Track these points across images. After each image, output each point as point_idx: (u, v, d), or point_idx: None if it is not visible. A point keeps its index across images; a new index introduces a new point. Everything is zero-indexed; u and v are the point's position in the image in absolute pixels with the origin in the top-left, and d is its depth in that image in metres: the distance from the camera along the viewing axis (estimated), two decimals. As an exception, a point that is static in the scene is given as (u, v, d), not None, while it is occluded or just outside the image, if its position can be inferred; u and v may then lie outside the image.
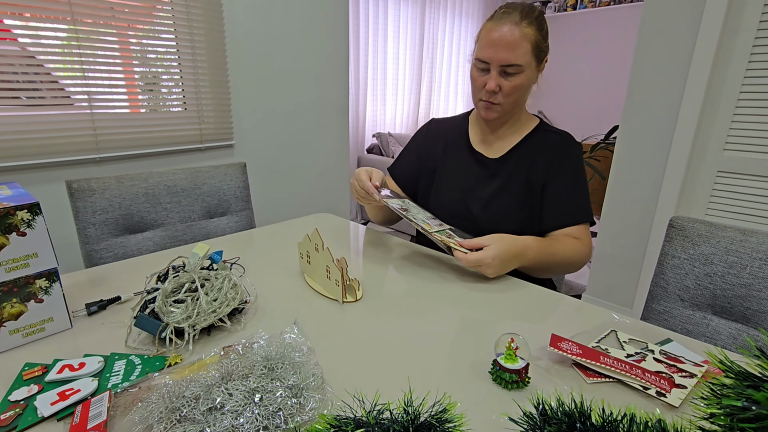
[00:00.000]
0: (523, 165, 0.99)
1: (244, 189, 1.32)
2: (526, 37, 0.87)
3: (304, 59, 2.19)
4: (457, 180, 1.06)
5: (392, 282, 0.84)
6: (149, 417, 0.44)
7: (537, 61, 0.91)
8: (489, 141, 1.05)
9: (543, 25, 0.91)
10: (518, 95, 0.93)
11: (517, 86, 0.91)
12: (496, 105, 0.94)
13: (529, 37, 0.88)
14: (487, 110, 0.96)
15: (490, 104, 0.95)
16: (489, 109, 0.96)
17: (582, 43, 4.54)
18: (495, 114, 0.96)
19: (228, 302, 0.65)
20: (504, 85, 0.91)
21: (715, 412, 0.29)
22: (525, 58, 0.88)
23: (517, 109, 0.99)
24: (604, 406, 0.34)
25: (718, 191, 1.83)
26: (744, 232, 0.81)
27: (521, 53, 0.88)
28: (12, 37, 1.39)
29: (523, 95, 0.95)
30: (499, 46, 0.88)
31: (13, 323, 0.60)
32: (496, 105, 0.94)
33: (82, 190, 1.05)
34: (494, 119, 0.98)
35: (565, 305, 0.77)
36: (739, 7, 1.66)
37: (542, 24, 0.91)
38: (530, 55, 0.89)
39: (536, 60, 0.91)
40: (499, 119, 0.99)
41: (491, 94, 0.93)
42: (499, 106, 0.95)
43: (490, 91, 0.91)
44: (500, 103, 0.94)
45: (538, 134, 1.01)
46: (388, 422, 0.34)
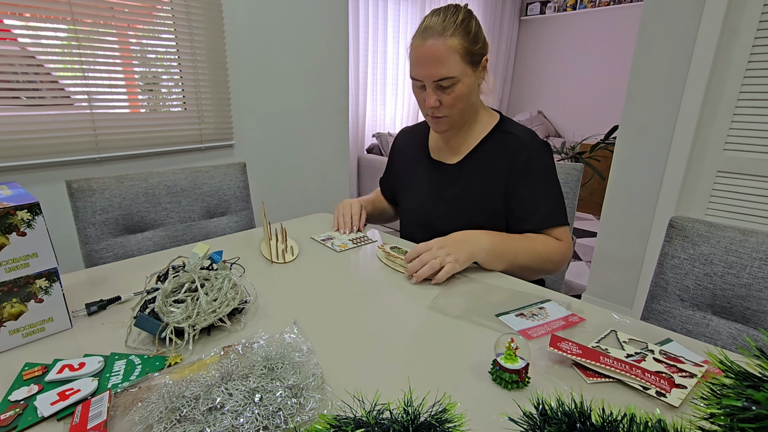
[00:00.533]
0: (479, 170, 0.98)
1: (243, 189, 1.32)
2: (451, 49, 0.85)
3: (304, 59, 2.19)
4: (419, 189, 1.07)
5: (392, 282, 0.84)
6: (149, 417, 0.44)
7: (472, 65, 0.89)
8: (447, 148, 1.04)
9: (470, 29, 0.87)
10: (462, 104, 0.92)
11: (456, 97, 0.89)
12: (443, 118, 0.93)
13: (455, 47, 0.85)
14: (436, 124, 0.96)
15: (436, 118, 0.94)
16: (437, 123, 0.95)
17: (582, 43, 4.55)
18: (445, 126, 0.96)
19: (228, 302, 0.65)
20: (443, 98, 0.90)
21: (715, 412, 0.29)
22: (456, 68, 0.86)
23: (467, 115, 0.97)
24: (604, 406, 0.34)
25: (718, 191, 1.83)
26: (744, 232, 0.81)
27: (451, 65, 0.86)
28: (12, 37, 1.39)
29: (467, 102, 0.93)
30: (427, 63, 0.86)
31: (13, 323, 0.60)
32: (443, 118, 0.93)
33: (82, 190, 1.05)
34: (446, 131, 0.98)
35: (565, 305, 0.77)
36: (739, 7, 1.66)
37: (468, 28, 0.87)
38: (461, 64, 0.86)
39: (470, 65, 0.88)
40: (451, 129, 0.98)
41: (434, 109, 0.92)
42: (446, 119, 0.93)
43: (431, 107, 0.91)
44: (446, 115, 0.92)
45: (495, 136, 0.99)
46: (388, 422, 0.34)
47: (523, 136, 0.97)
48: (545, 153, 0.96)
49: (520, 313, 0.71)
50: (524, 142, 0.96)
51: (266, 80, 2.06)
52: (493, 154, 0.97)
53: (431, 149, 1.08)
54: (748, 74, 1.69)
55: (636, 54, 1.92)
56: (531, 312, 0.72)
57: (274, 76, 2.09)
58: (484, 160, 0.98)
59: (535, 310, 0.72)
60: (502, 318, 0.70)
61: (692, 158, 1.86)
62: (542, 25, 4.83)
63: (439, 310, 0.72)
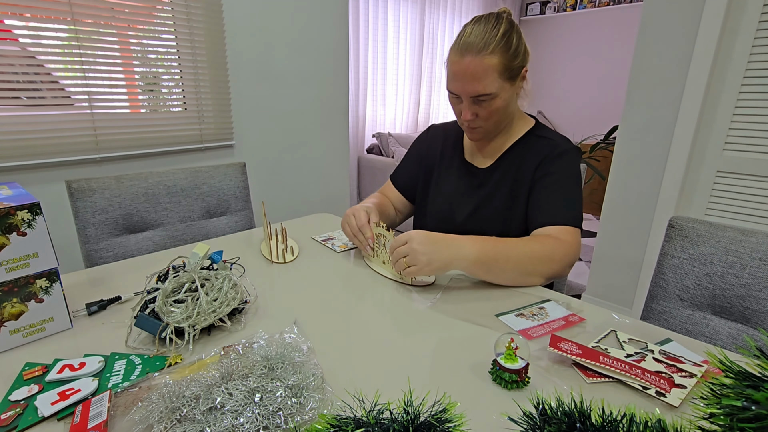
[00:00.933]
0: (509, 173, 0.97)
1: (243, 189, 1.32)
2: (490, 68, 0.83)
3: (304, 59, 2.19)
4: (447, 188, 1.06)
5: (392, 282, 0.84)
6: (149, 417, 0.44)
7: (510, 80, 0.87)
8: (480, 151, 1.03)
9: (510, 44, 0.85)
10: (497, 116, 0.91)
11: (493, 111, 0.89)
12: (478, 128, 0.93)
13: (494, 66, 0.83)
14: (471, 133, 0.96)
15: (472, 128, 0.94)
16: (472, 132, 0.95)
17: (582, 43, 4.55)
18: (479, 135, 0.95)
19: (228, 302, 0.65)
20: (480, 112, 0.89)
21: (715, 412, 0.29)
22: (494, 85, 0.85)
23: (504, 124, 0.97)
24: (604, 406, 0.34)
25: (718, 191, 1.83)
26: (743, 232, 0.81)
27: (489, 83, 0.84)
28: (12, 37, 1.39)
29: (504, 114, 0.92)
30: (464, 79, 0.85)
31: (14, 323, 0.60)
32: (478, 128, 0.93)
33: (82, 189, 1.05)
34: (480, 139, 0.98)
35: (564, 305, 0.77)
36: (738, 7, 1.66)
37: (509, 43, 0.84)
38: (500, 81, 0.85)
39: (509, 81, 0.87)
40: (485, 138, 0.98)
41: (470, 122, 0.91)
42: (481, 129, 0.93)
43: (466, 120, 0.90)
44: (481, 126, 0.92)
45: (528, 139, 0.98)
46: (388, 422, 0.34)
47: (556, 139, 0.96)
48: (574, 157, 0.93)
49: (520, 313, 0.71)
50: (555, 144, 0.94)
51: (266, 80, 2.06)
52: (523, 156, 0.96)
53: (465, 150, 1.06)
54: (747, 74, 1.69)
55: (636, 54, 1.92)
56: (531, 312, 0.72)
57: (275, 76, 2.09)
58: (514, 164, 0.97)
59: (535, 310, 0.72)
60: (502, 318, 0.70)
61: (692, 158, 1.86)
62: (542, 26, 4.83)
63: (440, 311, 0.72)
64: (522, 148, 0.98)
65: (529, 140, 0.98)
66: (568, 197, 0.91)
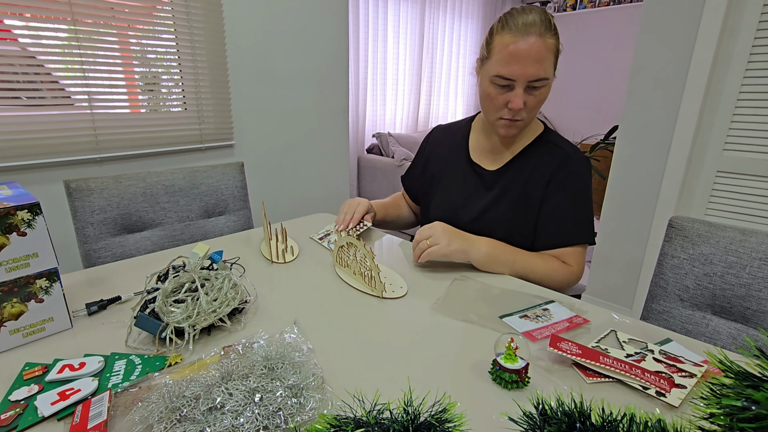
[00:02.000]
0: (520, 178, 0.95)
1: (241, 189, 1.32)
2: (551, 50, 0.82)
3: (304, 59, 2.19)
4: (453, 190, 1.04)
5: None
6: (149, 417, 0.44)
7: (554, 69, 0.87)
8: (489, 152, 1.01)
9: (557, 29, 0.85)
10: (540, 107, 0.88)
11: (541, 100, 0.86)
12: (519, 122, 0.88)
13: (553, 48, 0.82)
14: (508, 128, 0.90)
15: (512, 122, 0.88)
16: (511, 126, 0.90)
17: (582, 43, 4.55)
18: (516, 131, 0.91)
19: (228, 302, 0.65)
20: (529, 100, 0.85)
21: (715, 412, 0.29)
22: (550, 70, 0.84)
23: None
24: (604, 406, 0.34)
25: (718, 191, 1.83)
26: (743, 232, 0.81)
27: (548, 66, 0.82)
28: (12, 37, 1.39)
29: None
30: (526, 61, 0.80)
31: (14, 323, 0.60)
32: (519, 122, 0.88)
33: (80, 189, 1.05)
34: (515, 135, 0.94)
35: (568, 306, 0.77)
36: (738, 7, 1.66)
37: (557, 29, 0.86)
38: (552, 67, 0.85)
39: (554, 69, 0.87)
40: (519, 133, 0.95)
41: (516, 112, 0.86)
42: (521, 122, 0.89)
43: (515, 109, 0.85)
44: (523, 119, 0.88)
45: (539, 145, 0.96)
46: (388, 422, 0.34)
47: (567, 149, 0.94)
48: (585, 170, 0.93)
49: (524, 315, 0.71)
50: (567, 156, 0.93)
51: (266, 80, 2.06)
52: (535, 164, 0.95)
53: (472, 150, 1.04)
54: (747, 74, 1.69)
55: (636, 54, 1.92)
56: (535, 314, 0.72)
57: (275, 76, 2.09)
58: (525, 170, 0.95)
59: (539, 312, 0.72)
60: (505, 319, 0.70)
61: (692, 158, 1.86)
62: (542, 25, 4.83)
63: (443, 312, 0.72)
64: (533, 154, 0.96)
65: (540, 146, 0.96)
66: (578, 214, 0.92)
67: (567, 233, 0.92)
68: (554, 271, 0.90)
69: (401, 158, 3.34)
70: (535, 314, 0.71)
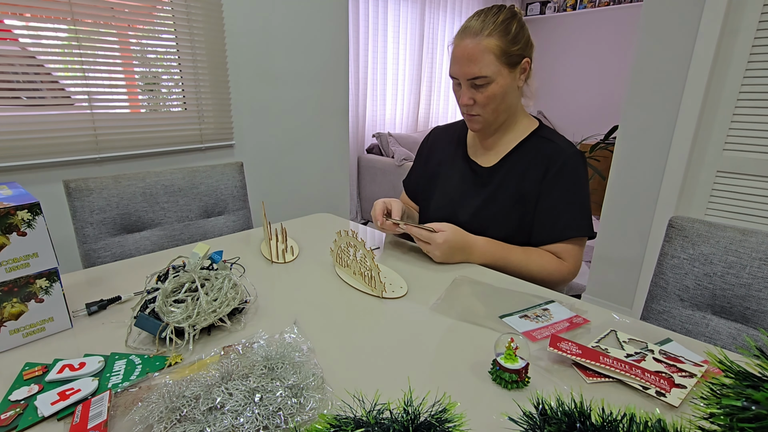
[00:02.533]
0: (513, 174, 0.97)
1: (241, 188, 1.32)
2: (486, 49, 0.87)
3: (304, 59, 2.19)
4: (450, 187, 1.06)
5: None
6: (149, 417, 0.44)
7: (508, 66, 0.89)
8: (483, 149, 1.04)
9: (509, 29, 0.88)
10: (495, 104, 0.92)
11: (490, 96, 0.90)
12: (477, 116, 0.95)
13: (491, 47, 0.86)
14: (470, 122, 0.98)
15: (470, 116, 0.96)
16: (471, 121, 0.97)
17: (582, 43, 4.55)
18: (478, 125, 0.97)
19: (228, 302, 0.65)
20: (477, 97, 0.91)
21: (715, 412, 0.29)
22: (490, 68, 0.88)
23: (503, 116, 0.97)
24: (604, 405, 0.34)
25: (718, 191, 1.83)
26: (743, 232, 0.81)
27: (484, 65, 0.87)
28: (12, 37, 1.39)
29: (502, 103, 0.93)
30: (461, 61, 0.89)
31: (14, 323, 0.60)
32: (477, 116, 0.95)
33: (79, 189, 1.05)
34: (479, 130, 0.99)
35: (568, 305, 0.77)
36: (738, 7, 1.66)
37: (508, 29, 0.88)
38: (496, 64, 0.88)
39: (507, 66, 0.89)
40: (486, 129, 0.99)
41: (468, 108, 0.94)
42: (480, 117, 0.95)
43: (465, 105, 0.93)
44: (479, 114, 0.94)
45: (533, 141, 0.98)
46: (388, 422, 0.34)
47: (561, 144, 0.96)
48: (580, 164, 0.95)
49: (524, 315, 0.71)
50: (561, 149, 0.95)
51: (266, 80, 2.06)
52: (529, 159, 0.97)
53: (469, 148, 1.07)
54: (747, 74, 1.69)
55: (636, 54, 1.92)
56: (535, 314, 0.72)
57: (275, 76, 2.09)
58: (518, 166, 0.97)
59: (539, 312, 0.72)
60: (506, 320, 0.70)
61: (692, 158, 1.86)
62: (542, 25, 4.83)
63: (442, 312, 0.72)
64: (527, 150, 0.98)
65: (534, 142, 0.98)
66: (573, 208, 0.94)
67: (562, 228, 0.94)
68: (552, 272, 0.92)
69: (401, 158, 3.34)
70: (535, 314, 0.71)
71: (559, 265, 0.93)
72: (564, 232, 0.93)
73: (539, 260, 0.93)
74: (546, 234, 0.95)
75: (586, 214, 0.94)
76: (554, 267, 0.92)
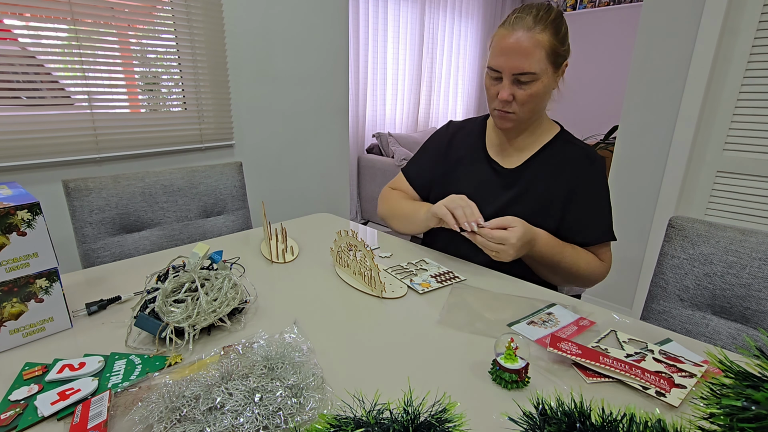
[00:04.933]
0: (541, 177, 0.95)
1: (240, 188, 1.32)
2: (539, 44, 0.83)
3: (304, 59, 2.19)
4: (470, 187, 1.00)
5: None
6: (149, 417, 0.44)
7: (554, 66, 0.87)
8: (506, 149, 1.00)
9: (560, 28, 0.86)
10: (534, 104, 0.89)
11: (532, 95, 0.86)
12: (511, 114, 0.90)
13: (543, 43, 0.83)
14: (501, 120, 0.92)
15: (504, 113, 0.91)
16: (503, 118, 0.92)
17: (582, 43, 4.54)
18: (510, 124, 0.92)
19: (228, 302, 0.65)
20: (518, 94, 0.87)
21: (715, 412, 0.29)
22: (539, 65, 0.84)
23: (535, 117, 0.95)
24: (604, 405, 0.34)
25: (718, 191, 1.83)
26: (743, 232, 0.81)
27: (535, 60, 0.83)
28: (12, 37, 1.39)
29: (539, 103, 0.90)
30: (511, 53, 0.83)
31: (14, 323, 0.60)
32: (511, 114, 0.90)
33: (78, 189, 1.05)
34: (510, 129, 0.95)
35: (570, 307, 0.77)
36: (738, 7, 1.66)
37: (559, 27, 0.86)
38: (545, 62, 0.84)
39: (553, 66, 0.86)
40: (515, 128, 0.96)
41: (505, 104, 0.89)
42: (514, 115, 0.90)
43: (504, 100, 0.87)
44: (515, 112, 0.89)
45: (558, 144, 0.97)
46: (388, 422, 0.34)
47: (587, 148, 0.96)
48: (604, 169, 0.97)
49: (531, 321, 0.70)
50: (588, 155, 0.95)
51: (266, 80, 2.06)
52: (556, 163, 0.95)
53: (490, 148, 1.03)
54: (747, 74, 1.69)
55: (636, 54, 1.92)
56: (541, 319, 0.71)
57: (275, 76, 2.09)
58: (545, 168, 0.95)
59: (544, 317, 0.71)
60: (515, 327, 0.68)
61: (692, 158, 1.86)
62: (542, 25, 4.83)
63: (450, 325, 0.69)
64: (553, 153, 0.96)
65: (559, 145, 0.97)
66: (605, 212, 0.95)
67: (601, 231, 0.95)
68: (593, 272, 0.94)
69: (401, 158, 3.34)
70: (541, 319, 0.71)
71: (600, 266, 0.94)
72: (602, 235, 0.95)
73: (587, 258, 0.93)
74: (587, 235, 0.95)
75: (610, 219, 0.97)
76: (597, 266, 0.94)
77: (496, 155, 1.01)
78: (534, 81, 0.85)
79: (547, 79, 0.87)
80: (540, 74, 0.85)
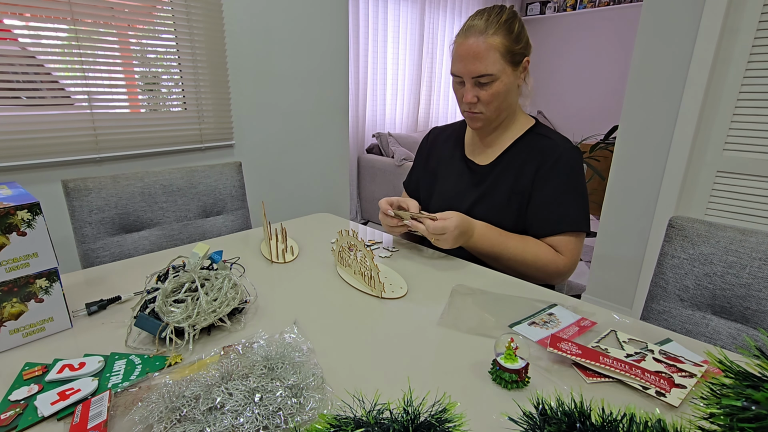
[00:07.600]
0: (509, 172, 0.98)
1: (239, 188, 1.32)
2: (492, 47, 0.87)
3: (304, 59, 2.19)
4: (447, 187, 1.07)
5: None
6: (149, 417, 0.44)
7: (512, 65, 0.91)
8: (481, 147, 1.05)
9: (512, 29, 0.89)
10: (498, 102, 0.93)
11: (494, 94, 0.91)
12: (479, 114, 0.95)
13: (496, 45, 0.87)
14: (471, 120, 0.98)
15: (472, 114, 0.96)
16: (473, 119, 0.97)
17: (582, 43, 4.54)
18: (480, 123, 0.97)
19: (228, 302, 0.65)
20: (481, 95, 0.92)
21: (715, 412, 0.29)
22: (495, 66, 0.88)
23: (504, 114, 0.98)
24: (604, 405, 0.34)
25: (718, 191, 1.83)
26: (743, 232, 0.81)
27: (490, 62, 0.88)
28: (12, 37, 1.39)
29: (504, 101, 0.94)
30: (466, 59, 0.89)
31: (14, 323, 0.60)
32: (479, 114, 0.95)
33: (78, 189, 1.05)
34: (480, 128, 0.99)
35: (571, 308, 0.77)
36: (738, 7, 1.66)
37: (511, 28, 0.89)
38: (501, 62, 0.89)
39: (510, 64, 0.90)
40: (486, 127, 1.00)
41: (471, 105, 0.94)
42: (482, 115, 0.95)
43: (469, 102, 0.93)
44: (482, 111, 0.94)
45: (528, 138, 0.99)
46: (388, 422, 0.34)
47: (556, 139, 0.97)
48: (575, 159, 0.95)
49: (532, 322, 0.70)
50: (555, 144, 0.96)
51: (266, 80, 2.06)
52: (524, 156, 0.97)
53: (466, 147, 1.08)
54: (747, 74, 1.69)
55: (636, 54, 1.92)
56: (542, 319, 0.71)
57: (275, 76, 2.09)
58: (514, 162, 0.98)
59: (545, 318, 0.71)
60: (516, 328, 0.68)
61: (692, 158, 1.86)
62: (542, 25, 4.83)
63: (451, 327, 0.68)
64: (522, 147, 0.99)
65: (530, 138, 0.99)
66: (568, 201, 0.93)
67: (556, 221, 0.93)
68: (546, 264, 0.91)
69: (401, 158, 3.34)
70: (543, 320, 0.70)
71: (555, 258, 0.92)
72: (558, 225, 0.93)
73: (535, 249, 0.92)
74: (540, 226, 0.95)
75: (582, 208, 0.94)
76: (550, 258, 0.92)
77: (471, 154, 1.06)
78: (493, 81, 0.90)
79: (507, 78, 0.91)
80: (498, 74, 0.90)
